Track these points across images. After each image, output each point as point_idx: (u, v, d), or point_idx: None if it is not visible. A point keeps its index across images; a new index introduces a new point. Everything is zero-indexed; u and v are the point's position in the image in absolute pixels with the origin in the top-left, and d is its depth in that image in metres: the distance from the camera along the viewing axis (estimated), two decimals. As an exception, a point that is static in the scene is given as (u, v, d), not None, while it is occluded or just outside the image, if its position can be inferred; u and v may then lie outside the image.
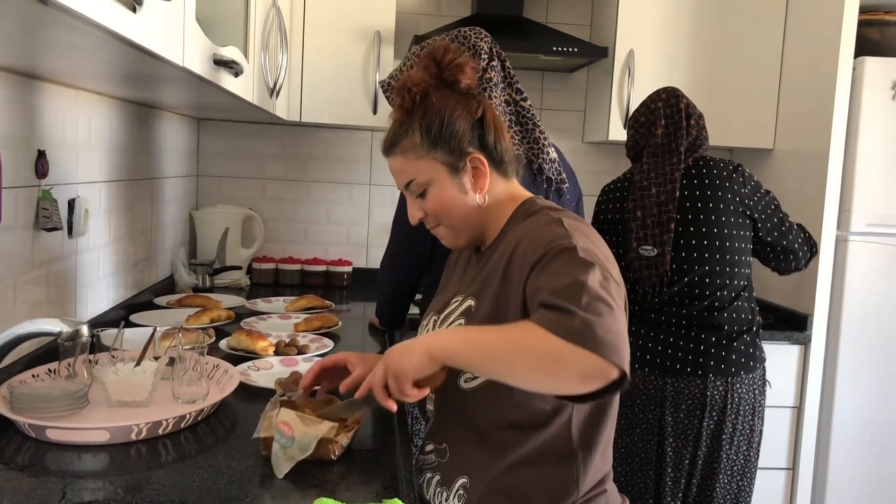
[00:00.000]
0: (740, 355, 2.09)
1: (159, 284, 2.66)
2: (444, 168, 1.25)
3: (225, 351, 1.93)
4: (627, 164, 3.28)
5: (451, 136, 1.24)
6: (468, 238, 1.32)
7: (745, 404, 2.09)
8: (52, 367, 1.53)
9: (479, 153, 1.26)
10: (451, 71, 1.27)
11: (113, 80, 1.74)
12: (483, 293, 1.23)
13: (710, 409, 2.07)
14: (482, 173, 1.26)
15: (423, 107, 1.26)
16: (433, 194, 1.27)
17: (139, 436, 1.32)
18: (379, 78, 2.74)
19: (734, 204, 2.10)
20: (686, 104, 2.20)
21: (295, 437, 1.20)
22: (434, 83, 1.27)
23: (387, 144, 1.30)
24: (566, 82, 3.25)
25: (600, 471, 1.24)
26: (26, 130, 1.61)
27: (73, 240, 1.86)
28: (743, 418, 2.10)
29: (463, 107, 1.26)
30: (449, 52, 1.28)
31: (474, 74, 1.30)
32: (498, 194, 1.29)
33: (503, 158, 1.29)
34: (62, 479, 1.16)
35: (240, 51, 1.79)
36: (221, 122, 3.15)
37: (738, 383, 2.08)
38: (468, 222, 1.29)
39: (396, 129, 1.28)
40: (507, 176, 1.31)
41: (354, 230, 3.26)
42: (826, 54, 2.63)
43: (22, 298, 1.61)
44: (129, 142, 2.27)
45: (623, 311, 1.09)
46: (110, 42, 1.04)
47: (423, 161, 1.25)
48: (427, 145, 1.25)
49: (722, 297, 2.10)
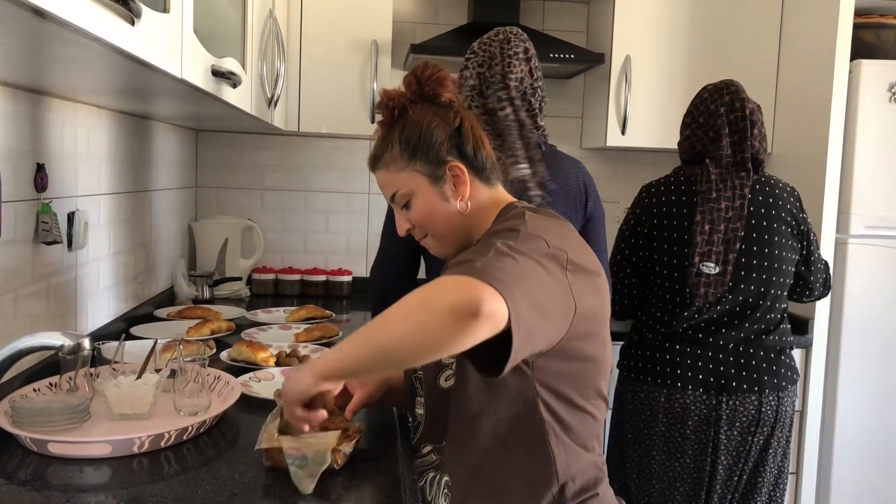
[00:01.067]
0: (787, 368, 2.07)
1: (159, 296, 2.66)
2: (425, 178, 1.28)
3: (226, 362, 1.92)
4: (625, 169, 3.30)
5: (428, 146, 1.28)
6: (455, 245, 1.33)
7: (788, 416, 2.07)
8: (53, 381, 1.52)
9: (457, 161, 1.28)
10: (430, 85, 1.30)
11: (112, 93, 1.74)
12: None
13: (763, 424, 2.03)
14: (462, 181, 1.28)
15: (402, 121, 1.30)
16: (416, 205, 1.30)
17: (141, 448, 1.31)
18: (377, 87, 2.75)
19: (791, 227, 2.07)
20: (751, 110, 2.07)
21: (307, 456, 1.19)
22: (413, 98, 1.32)
23: (371, 160, 1.35)
24: (563, 89, 3.26)
25: (587, 471, 1.22)
26: (25, 144, 1.61)
27: (73, 253, 1.86)
28: (786, 430, 2.08)
29: (440, 118, 1.30)
30: (429, 67, 1.31)
31: (455, 88, 1.33)
32: (481, 201, 1.31)
33: (484, 165, 1.31)
34: (64, 493, 1.16)
35: (238, 62, 1.80)
36: (220, 133, 3.16)
37: (786, 396, 2.05)
38: (452, 229, 1.31)
39: (379, 145, 1.33)
40: (489, 183, 1.33)
41: (354, 239, 3.26)
42: (822, 57, 2.64)
43: (22, 312, 1.61)
44: (128, 154, 2.27)
45: (554, 277, 1.08)
46: (109, 55, 1.04)
47: (403, 173, 1.29)
48: (407, 157, 1.28)
49: (773, 318, 2.06)
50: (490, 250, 1.06)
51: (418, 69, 1.32)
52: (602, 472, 1.26)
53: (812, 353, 2.66)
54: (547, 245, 1.12)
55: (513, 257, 1.05)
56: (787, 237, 2.06)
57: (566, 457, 1.19)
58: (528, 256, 1.07)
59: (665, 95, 2.90)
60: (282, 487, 1.20)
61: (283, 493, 1.18)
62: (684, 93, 2.89)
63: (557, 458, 1.18)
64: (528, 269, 1.05)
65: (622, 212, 3.30)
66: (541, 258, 1.08)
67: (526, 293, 1.01)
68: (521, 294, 1.00)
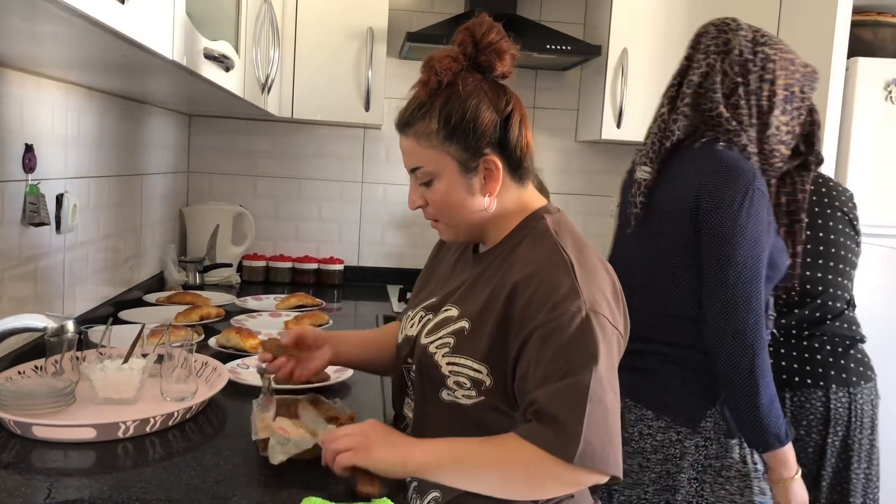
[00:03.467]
0: (858, 364, 1.98)
1: (149, 282, 2.65)
2: (456, 164, 1.17)
3: (214, 349, 1.91)
4: (620, 163, 3.29)
5: (470, 131, 1.15)
6: (468, 237, 1.27)
7: (866, 417, 1.96)
8: (38, 364, 1.51)
9: (495, 155, 1.17)
10: (487, 54, 1.17)
11: (102, 74, 1.72)
12: (478, 318, 1.16)
13: (835, 423, 1.92)
14: (494, 177, 1.18)
15: (447, 92, 1.16)
16: (438, 188, 1.20)
17: (126, 433, 1.30)
18: (371, 75, 2.73)
19: (843, 214, 2.02)
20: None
21: (292, 439, 1.19)
22: (466, 65, 1.17)
23: (401, 121, 1.20)
24: (559, 81, 3.25)
25: None
26: (13, 124, 1.59)
27: (62, 235, 1.84)
28: (866, 432, 1.95)
29: (491, 101, 1.17)
30: (491, 31, 1.17)
31: (513, 63, 1.20)
32: (507, 201, 1.21)
33: (522, 163, 1.20)
34: (48, 477, 1.15)
35: (231, 45, 1.78)
36: (213, 119, 3.13)
37: (860, 394, 1.94)
38: (468, 223, 1.22)
39: (414, 109, 1.18)
40: (521, 181, 1.22)
41: (346, 228, 3.25)
42: (819, 55, 2.63)
43: (8, 294, 1.59)
44: (118, 137, 2.25)
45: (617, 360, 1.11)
46: (98, 34, 1.02)
47: (434, 151, 1.17)
48: (443, 136, 1.16)
49: (833, 307, 2.00)
50: (584, 401, 1.03)
51: (477, 29, 1.17)
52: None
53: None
54: (605, 356, 1.07)
55: (607, 407, 1.05)
56: (841, 223, 2.00)
57: None
58: (612, 387, 1.07)
59: (662, 89, 2.88)
60: (268, 475, 1.19)
61: (268, 481, 1.17)
62: (680, 87, 2.88)
63: None
64: (612, 411, 1.06)
65: (615, 206, 3.29)
66: (612, 377, 1.08)
67: (614, 443, 1.06)
68: (613, 451, 1.05)
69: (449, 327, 1.20)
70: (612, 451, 1.04)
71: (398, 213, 3.24)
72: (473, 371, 1.15)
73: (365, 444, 1.12)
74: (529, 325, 1.09)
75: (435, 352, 1.19)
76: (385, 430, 1.16)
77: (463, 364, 1.16)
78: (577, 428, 1.02)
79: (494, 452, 1.08)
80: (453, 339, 1.18)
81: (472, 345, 1.15)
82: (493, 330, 1.14)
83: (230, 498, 1.10)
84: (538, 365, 1.07)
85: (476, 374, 1.15)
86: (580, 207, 3.29)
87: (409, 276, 3.18)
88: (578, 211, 3.28)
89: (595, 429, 1.03)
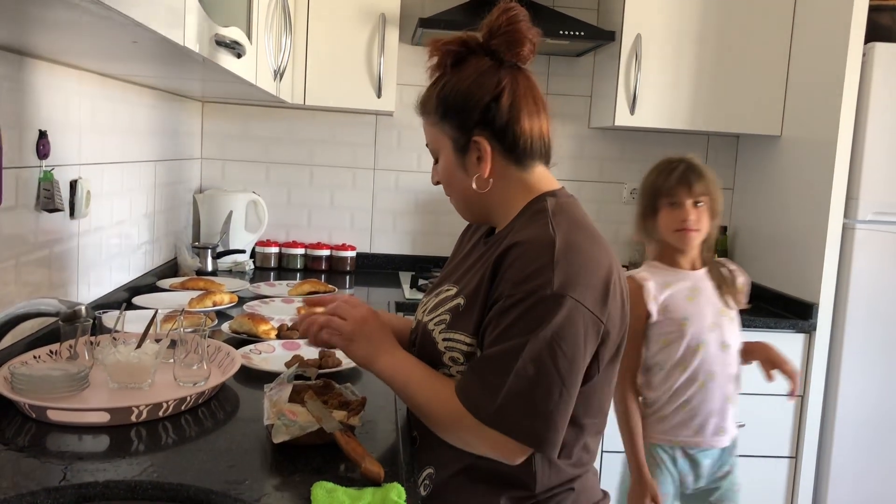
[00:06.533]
0: None
1: (162, 267, 2.66)
2: (451, 143, 1.22)
3: (227, 334, 1.92)
4: (633, 149, 3.28)
5: (460, 111, 1.19)
6: (474, 216, 1.30)
7: None
8: (53, 349, 1.52)
9: (484, 136, 1.19)
10: (499, 38, 1.19)
11: (114, 60, 1.73)
12: (472, 295, 1.19)
13: None
14: (484, 159, 1.20)
15: (450, 73, 1.21)
16: (441, 164, 1.26)
17: (139, 418, 1.31)
18: (384, 61, 2.73)
19: None
20: None
21: (297, 422, 1.20)
22: (473, 49, 1.21)
23: (417, 103, 1.28)
24: (572, 67, 3.23)
25: (568, 473, 1.20)
26: (27, 111, 1.60)
27: (75, 221, 1.86)
28: None
29: (483, 81, 1.18)
30: (507, 14, 1.19)
31: (532, 50, 1.21)
32: (509, 182, 1.22)
33: (517, 145, 1.20)
34: (62, 460, 1.16)
35: (243, 32, 1.78)
36: (226, 105, 3.14)
37: None
38: (468, 202, 1.27)
39: (426, 91, 1.26)
40: (521, 164, 1.22)
41: (359, 215, 3.25)
42: (836, 39, 2.60)
43: (23, 279, 1.61)
44: (132, 124, 2.26)
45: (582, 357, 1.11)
46: (109, 20, 1.03)
47: (435, 129, 1.24)
48: (440, 115, 1.22)
49: None
50: (514, 364, 1.08)
51: (496, 15, 1.19)
52: (583, 469, 1.23)
53: (816, 337, 2.65)
54: (553, 335, 1.08)
55: (531, 379, 1.08)
56: None
57: (552, 468, 1.18)
58: (549, 366, 1.09)
59: (675, 76, 2.87)
60: (279, 460, 1.20)
61: (280, 466, 1.18)
62: (695, 73, 2.86)
63: (539, 469, 1.17)
64: (546, 388, 1.09)
65: (628, 193, 3.28)
66: (561, 361, 1.09)
67: (555, 428, 1.10)
68: (539, 426, 1.09)
69: (446, 305, 1.24)
70: (538, 426, 1.09)
71: (410, 199, 3.24)
72: (466, 346, 1.18)
73: (350, 334, 1.23)
74: (498, 293, 1.14)
75: (433, 328, 1.23)
76: (372, 328, 1.24)
77: (457, 339, 1.19)
78: (496, 392, 1.09)
79: (432, 391, 1.18)
80: (449, 316, 1.22)
81: (466, 321, 1.19)
82: (482, 304, 1.17)
83: (242, 482, 1.11)
84: (494, 330, 1.13)
85: (469, 348, 1.18)
86: (593, 194, 3.28)
87: (421, 263, 3.19)
88: (591, 198, 3.27)
89: (515, 399, 1.09)
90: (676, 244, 1.92)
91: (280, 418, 1.20)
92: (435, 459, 1.24)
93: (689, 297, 1.91)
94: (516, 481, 1.18)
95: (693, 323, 1.89)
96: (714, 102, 2.89)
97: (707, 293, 1.93)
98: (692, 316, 1.90)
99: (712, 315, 1.91)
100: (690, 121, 2.89)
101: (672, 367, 1.91)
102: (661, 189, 1.91)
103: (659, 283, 1.92)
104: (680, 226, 1.88)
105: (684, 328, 1.89)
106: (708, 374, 1.90)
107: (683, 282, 1.93)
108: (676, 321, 1.90)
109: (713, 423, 1.92)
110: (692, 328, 1.89)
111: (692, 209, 1.88)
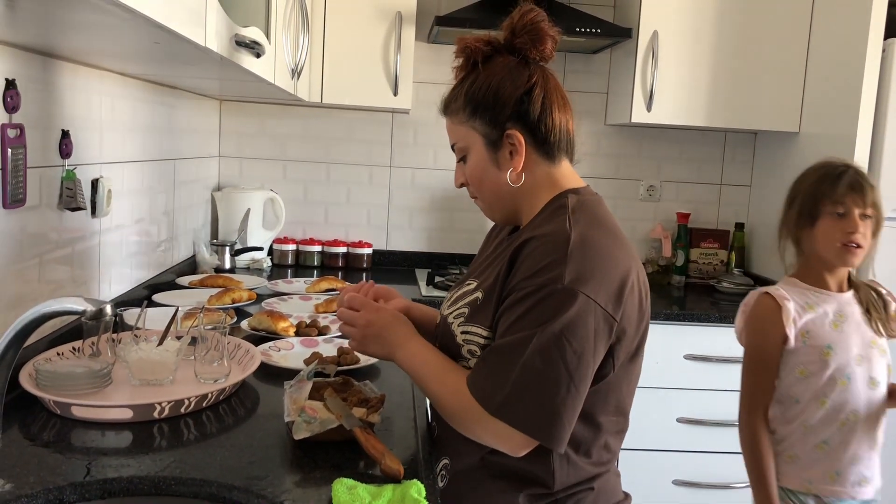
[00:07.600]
0: None
1: (181, 265, 2.68)
2: (482, 139, 1.23)
3: (246, 331, 1.94)
4: (649, 147, 3.27)
5: (491, 106, 1.21)
6: (503, 216, 1.30)
7: None
8: (76, 346, 1.55)
9: (517, 129, 1.21)
10: (523, 37, 1.21)
11: (135, 60, 1.74)
12: (490, 289, 1.21)
13: None
14: (519, 151, 1.21)
15: (476, 72, 1.23)
16: (471, 163, 1.26)
17: (161, 414, 1.33)
18: (400, 59, 2.73)
19: None
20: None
21: (318, 418, 1.21)
22: (497, 48, 1.23)
23: (441, 104, 1.30)
24: (589, 64, 3.22)
25: (588, 471, 1.21)
26: (50, 111, 1.62)
27: (97, 220, 1.88)
28: None
29: (514, 77, 1.20)
30: (529, 15, 1.21)
31: (554, 47, 1.23)
32: (538, 177, 1.24)
33: (548, 138, 1.22)
34: (87, 456, 1.18)
35: (261, 31, 1.79)
36: (243, 103, 3.16)
37: None
38: (500, 199, 1.27)
39: (450, 91, 1.27)
40: (551, 158, 1.24)
41: (375, 212, 3.26)
42: (855, 35, 2.58)
43: (47, 277, 1.63)
44: (151, 123, 2.28)
45: (591, 354, 1.11)
46: (132, 22, 1.04)
47: (464, 127, 1.24)
48: (469, 112, 1.23)
49: None
50: (519, 359, 1.10)
51: (517, 17, 1.22)
52: (604, 467, 1.24)
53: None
54: (563, 329, 1.09)
55: (538, 373, 1.09)
56: None
57: (571, 468, 1.19)
58: (557, 361, 1.09)
59: (692, 72, 2.86)
60: (300, 456, 1.21)
61: (300, 462, 1.19)
62: (712, 70, 2.85)
63: (557, 468, 1.18)
64: (554, 382, 1.09)
65: (645, 189, 3.27)
66: (571, 357, 1.09)
67: (561, 423, 1.10)
68: (545, 420, 1.09)
69: (466, 299, 1.26)
70: (543, 419, 1.09)
71: (426, 197, 3.25)
72: (483, 339, 1.19)
73: (362, 338, 1.27)
74: (511, 286, 1.15)
75: (452, 322, 1.25)
76: (378, 328, 1.27)
77: (474, 332, 1.20)
78: (504, 384, 1.10)
79: (444, 380, 1.20)
80: (468, 310, 1.24)
81: (483, 314, 1.20)
82: (498, 297, 1.19)
83: (263, 478, 1.12)
84: (505, 322, 1.14)
85: (486, 340, 1.19)
86: (610, 191, 3.27)
87: (437, 260, 3.19)
88: (608, 195, 3.26)
89: (522, 391, 1.09)
90: (834, 260, 1.70)
91: (301, 415, 1.22)
92: (451, 450, 1.26)
93: (835, 322, 1.69)
94: (534, 479, 1.18)
95: (838, 353, 1.68)
96: (731, 99, 2.88)
97: (854, 319, 1.71)
98: (837, 345, 1.68)
99: (860, 346, 1.69)
100: (708, 117, 2.88)
101: (809, 400, 1.70)
102: (825, 195, 1.67)
103: (800, 304, 1.71)
104: (846, 239, 1.66)
105: (827, 359, 1.68)
106: (852, 412, 1.68)
107: (828, 304, 1.72)
108: (818, 350, 1.68)
109: (855, 472, 1.68)
110: (836, 359, 1.67)
111: (860, 221, 1.65)
